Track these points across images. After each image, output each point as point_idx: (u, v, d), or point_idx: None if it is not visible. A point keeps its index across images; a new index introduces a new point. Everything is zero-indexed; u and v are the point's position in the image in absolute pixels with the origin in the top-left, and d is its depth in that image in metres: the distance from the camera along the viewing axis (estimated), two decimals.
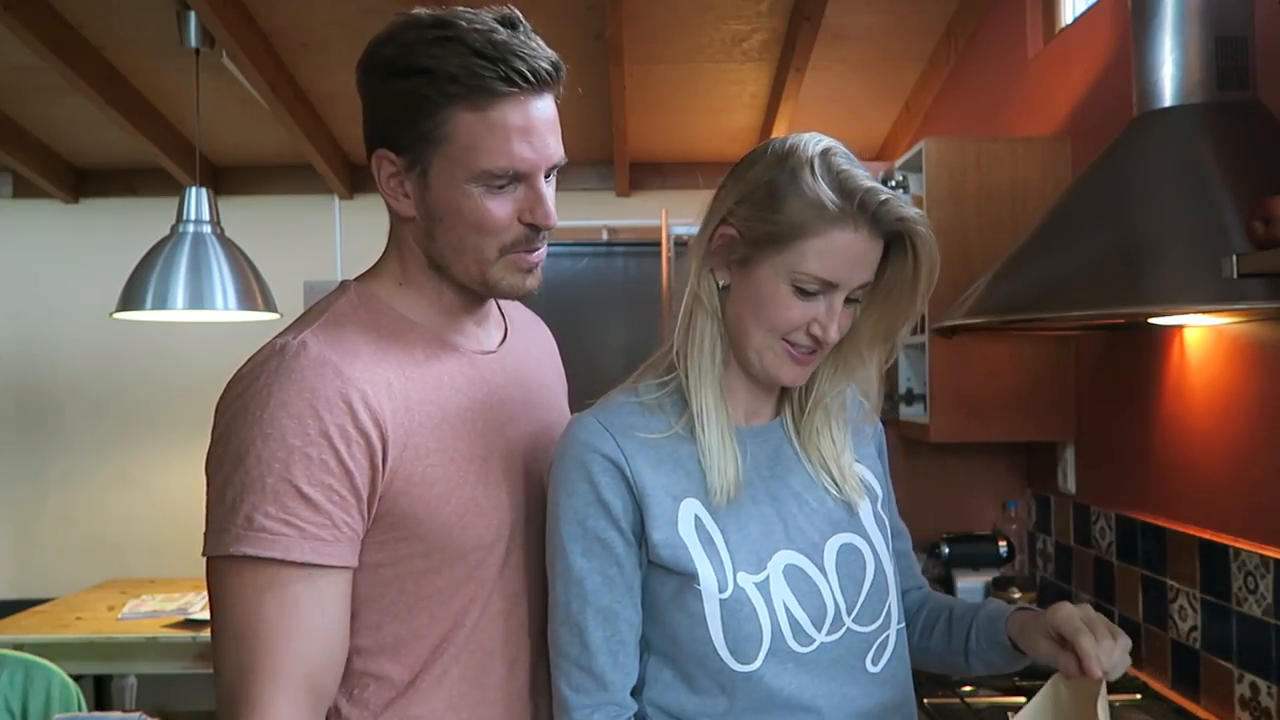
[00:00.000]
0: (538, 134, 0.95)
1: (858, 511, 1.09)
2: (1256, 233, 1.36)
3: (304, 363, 0.91)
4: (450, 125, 0.93)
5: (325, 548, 0.89)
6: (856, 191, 0.94)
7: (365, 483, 0.91)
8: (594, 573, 0.99)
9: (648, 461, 1.00)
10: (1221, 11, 1.61)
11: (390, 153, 0.97)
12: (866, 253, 0.97)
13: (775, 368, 1.02)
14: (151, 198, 4.18)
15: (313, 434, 0.88)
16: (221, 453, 0.91)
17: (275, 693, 0.87)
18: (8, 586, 4.29)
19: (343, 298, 1.02)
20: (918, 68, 3.45)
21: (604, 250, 4.45)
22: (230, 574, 0.88)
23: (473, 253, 0.98)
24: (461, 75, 0.91)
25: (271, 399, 0.89)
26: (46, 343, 4.34)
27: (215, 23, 2.83)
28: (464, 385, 1.02)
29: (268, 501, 0.87)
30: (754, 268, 0.99)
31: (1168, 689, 1.96)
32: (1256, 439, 1.75)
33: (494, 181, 0.95)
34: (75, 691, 2.24)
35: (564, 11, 3.05)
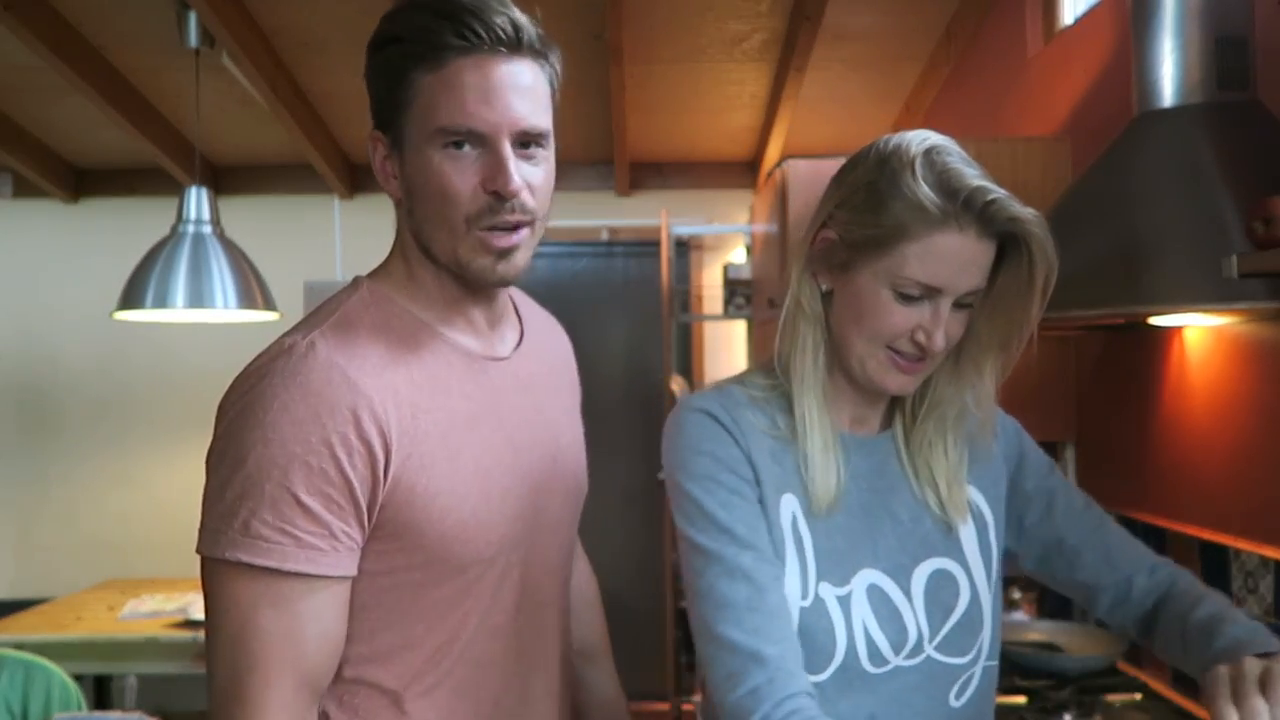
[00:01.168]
0: (497, 94, 0.91)
1: (958, 536, 1.03)
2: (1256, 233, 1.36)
3: (311, 365, 0.89)
4: (413, 89, 0.92)
5: (321, 558, 0.88)
6: (961, 191, 0.90)
7: (365, 493, 0.90)
8: (739, 523, 0.94)
9: (758, 447, 0.98)
10: (1221, 11, 1.61)
11: (380, 133, 0.97)
12: (975, 256, 0.92)
13: (879, 376, 0.97)
14: (151, 198, 4.18)
15: (314, 441, 0.86)
16: (223, 450, 0.89)
17: (270, 698, 0.87)
18: (8, 586, 4.29)
19: (355, 295, 0.99)
20: (918, 68, 3.45)
21: (604, 250, 4.45)
22: (226, 578, 0.88)
23: (442, 226, 0.94)
24: (419, 35, 0.91)
25: (275, 401, 0.87)
26: (46, 343, 4.34)
27: (215, 23, 2.83)
28: (473, 392, 0.99)
29: (265, 508, 0.86)
30: (855, 273, 0.95)
31: (1168, 689, 1.96)
32: (1256, 439, 1.75)
33: (450, 140, 0.91)
34: (75, 691, 2.24)
35: (564, 11, 3.05)
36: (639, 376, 4.43)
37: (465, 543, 0.95)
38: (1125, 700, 1.93)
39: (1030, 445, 1.14)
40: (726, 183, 4.37)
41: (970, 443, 1.06)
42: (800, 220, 3.00)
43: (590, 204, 4.36)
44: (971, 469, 1.06)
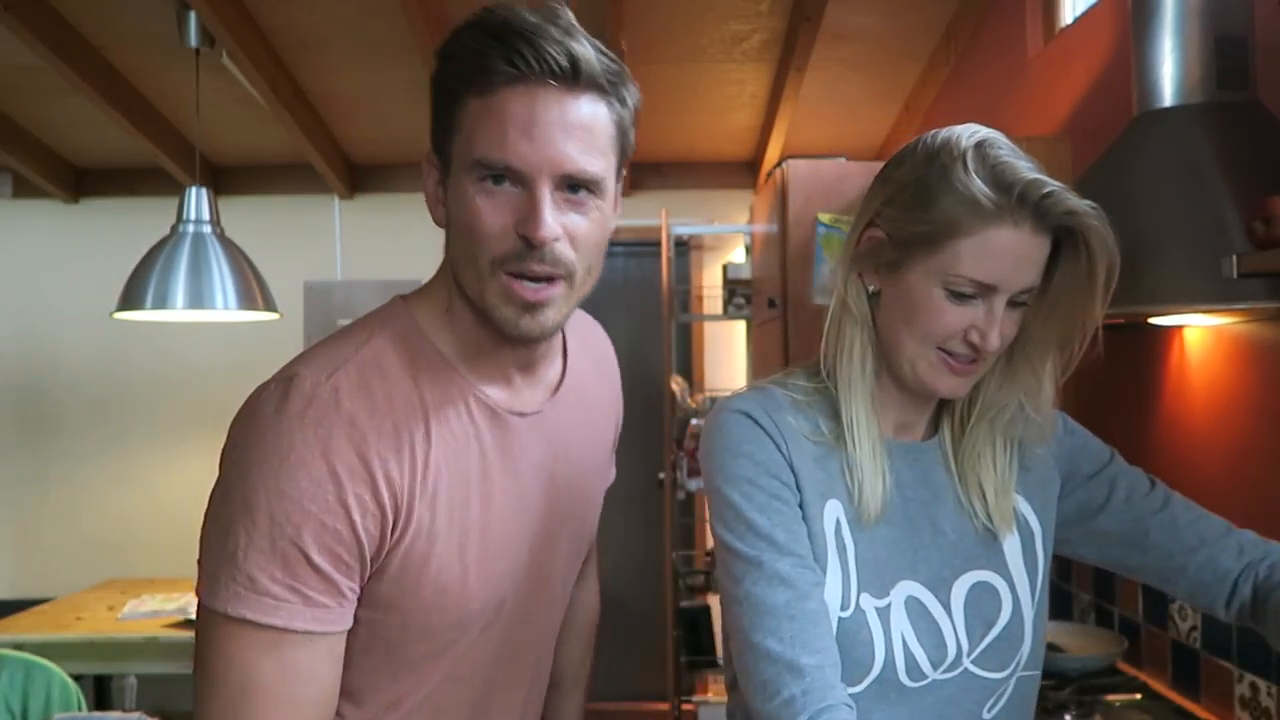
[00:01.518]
0: (541, 129, 0.83)
1: (1002, 547, 1.00)
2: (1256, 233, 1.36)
3: (334, 420, 0.83)
4: (461, 113, 0.85)
5: (328, 614, 0.85)
6: (1015, 185, 0.86)
7: (372, 553, 0.87)
8: (779, 528, 0.92)
9: (799, 451, 0.95)
10: (1221, 11, 1.61)
11: (436, 156, 0.90)
12: (1030, 252, 0.88)
13: (930, 378, 0.93)
14: (151, 198, 4.18)
15: (331, 500, 0.82)
16: (229, 493, 0.84)
17: None
18: (8, 586, 4.29)
19: (387, 329, 0.92)
20: (918, 68, 3.45)
21: None
22: (227, 633, 0.83)
23: (470, 265, 0.87)
24: (469, 56, 0.84)
25: (293, 454, 0.82)
26: (46, 343, 4.34)
27: (215, 22, 2.83)
28: (490, 449, 0.94)
29: (275, 565, 0.82)
30: (904, 271, 0.92)
31: (1168, 689, 1.96)
32: (1256, 439, 1.75)
33: (486, 174, 0.84)
34: (75, 691, 2.24)
35: None
36: (639, 376, 4.43)
37: (445, 611, 0.92)
38: (1125, 700, 1.93)
39: (1085, 437, 1.10)
40: (726, 183, 4.37)
41: (1022, 449, 1.02)
42: (800, 220, 3.00)
43: None
44: (1021, 477, 1.03)
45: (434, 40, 3.06)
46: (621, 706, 4.33)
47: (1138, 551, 1.05)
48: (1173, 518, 1.04)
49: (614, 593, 4.41)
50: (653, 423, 4.30)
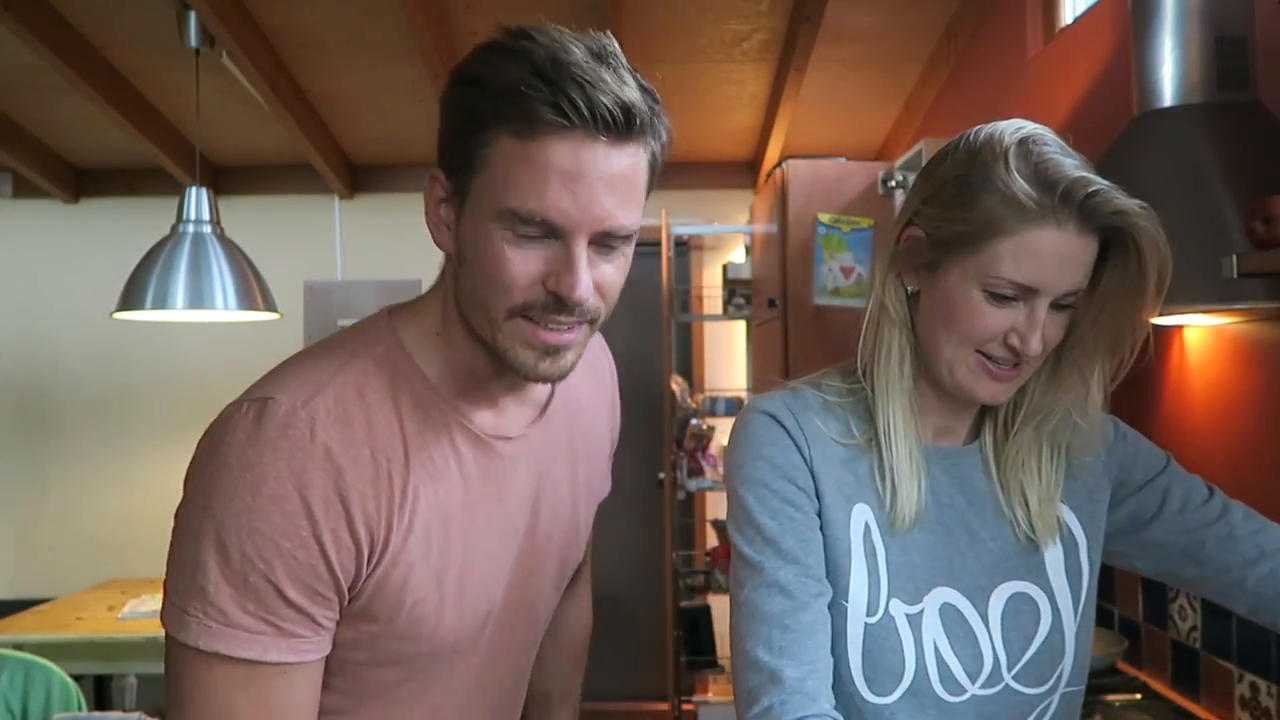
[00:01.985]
0: (586, 185, 0.77)
1: (1043, 558, 0.96)
2: (1256, 233, 1.36)
3: (308, 452, 0.79)
4: (491, 149, 0.78)
5: (303, 644, 0.82)
6: (1059, 183, 0.83)
7: (347, 585, 0.83)
8: (787, 535, 0.90)
9: (824, 455, 0.93)
10: (1221, 11, 1.60)
11: (442, 175, 0.84)
12: (1075, 253, 0.84)
13: (969, 383, 0.90)
14: (151, 198, 4.18)
15: (305, 535, 0.79)
16: (198, 520, 0.80)
17: None
18: (8, 586, 4.29)
19: (369, 350, 0.88)
20: (918, 68, 3.45)
21: None
22: (199, 666, 0.80)
23: (484, 307, 0.82)
24: (511, 94, 0.76)
25: (265, 487, 0.78)
26: (46, 343, 4.34)
27: (215, 22, 2.83)
28: (472, 474, 0.90)
29: (248, 599, 0.79)
30: (943, 272, 0.89)
31: (1168, 689, 1.96)
32: (1256, 439, 1.75)
33: (520, 228, 0.78)
34: (75, 691, 2.24)
35: (564, 11, 3.05)
36: (639, 376, 4.43)
37: (416, 640, 0.89)
38: (1125, 700, 1.93)
39: (1138, 443, 1.05)
40: (726, 183, 4.37)
41: (1069, 457, 0.99)
42: (800, 220, 3.00)
43: None
44: (1067, 485, 0.99)
45: (434, 40, 3.06)
46: (621, 706, 4.33)
47: (1193, 563, 1.00)
48: (1230, 528, 0.99)
49: (614, 593, 4.41)
50: (653, 423, 4.30)
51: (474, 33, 3.18)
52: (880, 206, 2.88)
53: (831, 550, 0.92)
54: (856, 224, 2.93)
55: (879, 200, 2.87)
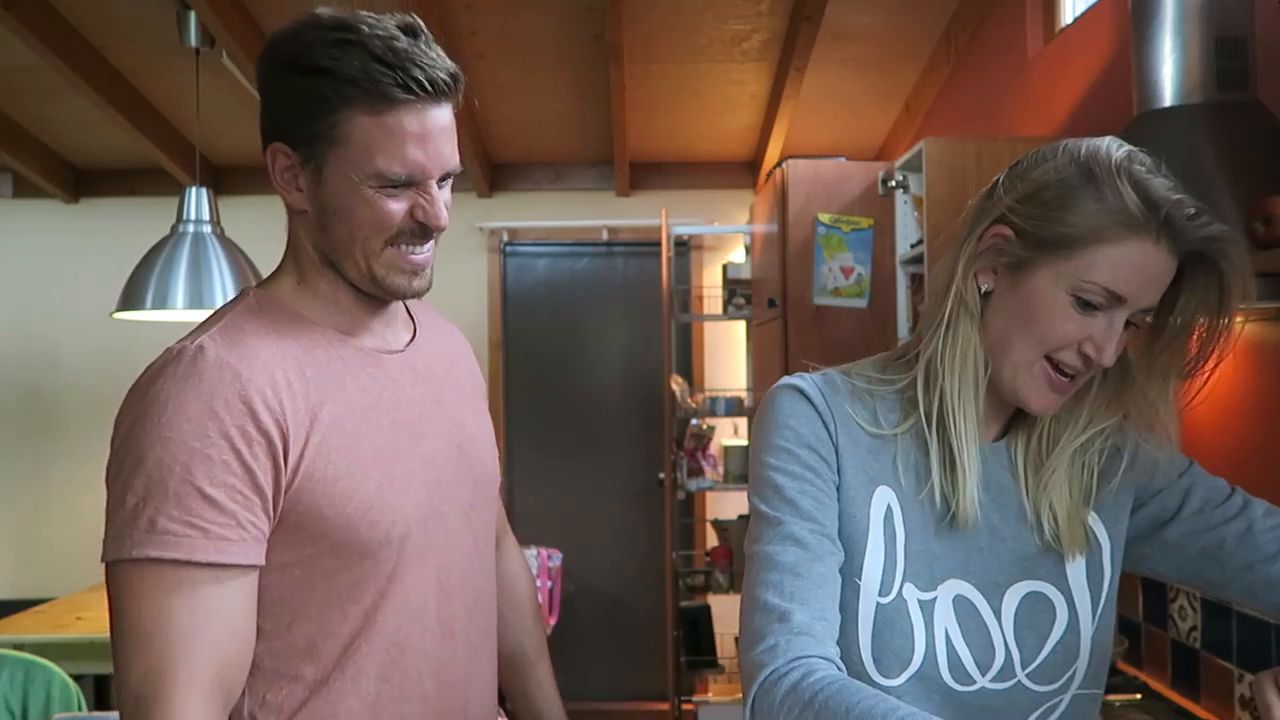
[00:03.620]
0: (433, 141, 0.97)
1: (1064, 561, 0.96)
2: (1256, 233, 1.36)
3: (202, 367, 0.92)
4: (347, 126, 0.95)
5: (230, 547, 0.90)
6: (1163, 202, 0.85)
7: (269, 482, 0.92)
8: (806, 496, 0.91)
9: (850, 435, 0.94)
10: (1221, 11, 1.61)
11: (285, 146, 0.99)
12: (1163, 271, 0.87)
13: (1027, 389, 0.91)
14: (151, 198, 4.18)
15: (213, 435, 0.89)
16: (121, 459, 0.91)
17: (188, 693, 0.88)
18: (8, 586, 4.29)
19: (241, 303, 1.02)
20: (918, 68, 3.45)
21: (604, 250, 4.45)
22: (134, 577, 0.88)
23: (361, 246, 0.99)
24: (360, 79, 0.93)
25: (170, 404, 0.90)
26: (46, 343, 4.34)
27: (215, 22, 2.83)
28: (368, 384, 1.02)
29: (171, 505, 0.88)
30: (1030, 273, 0.89)
31: (1168, 689, 1.96)
32: (1257, 439, 1.75)
33: (388, 183, 0.97)
34: (75, 691, 2.24)
35: (564, 11, 3.05)
36: (639, 376, 4.43)
37: (370, 525, 0.98)
38: (1125, 700, 1.93)
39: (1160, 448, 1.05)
40: (726, 183, 4.37)
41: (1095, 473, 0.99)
42: (800, 220, 3.00)
43: (590, 204, 4.36)
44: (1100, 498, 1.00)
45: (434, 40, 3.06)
46: (621, 706, 4.33)
47: (1215, 564, 0.99)
48: (1250, 524, 0.98)
49: (614, 593, 4.41)
50: (653, 423, 4.30)
51: (474, 33, 3.18)
52: (880, 206, 2.88)
53: (848, 527, 0.93)
54: (856, 224, 2.93)
55: (879, 200, 2.87)
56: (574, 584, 4.18)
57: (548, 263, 4.45)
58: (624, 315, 4.45)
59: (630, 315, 4.44)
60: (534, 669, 1.32)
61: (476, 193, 4.32)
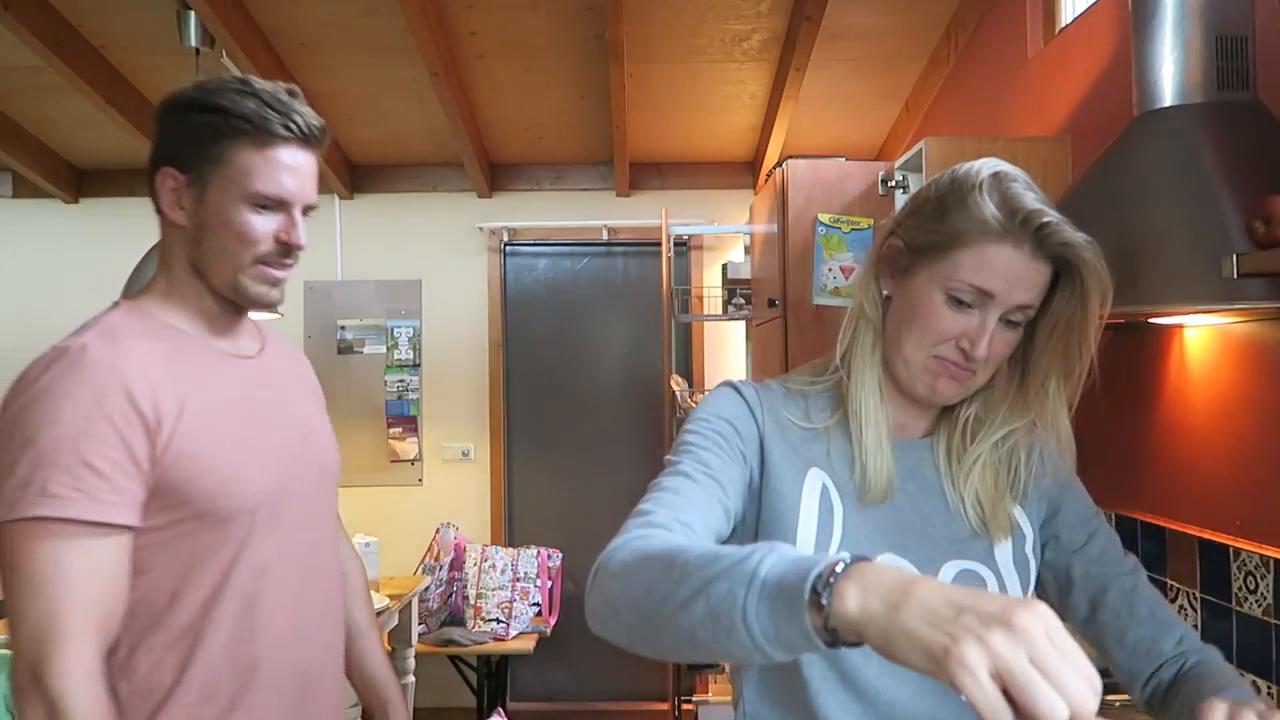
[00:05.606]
0: (301, 175, 1.21)
1: (992, 545, 1.05)
2: (1256, 233, 1.36)
3: (86, 361, 1.10)
4: (233, 154, 1.18)
5: (110, 508, 1.08)
6: (1019, 211, 0.95)
7: (144, 456, 1.11)
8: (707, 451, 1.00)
9: (778, 424, 1.04)
10: (1221, 11, 1.61)
11: (175, 170, 1.21)
12: (1027, 273, 0.96)
13: (917, 379, 1.02)
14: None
15: (97, 417, 1.08)
16: (8, 437, 1.07)
17: (83, 629, 1.06)
18: None
19: (114, 312, 1.21)
20: (918, 68, 3.45)
21: (604, 250, 4.45)
22: (29, 536, 1.05)
23: (230, 258, 1.20)
24: (253, 117, 1.17)
25: (58, 391, 1.08)
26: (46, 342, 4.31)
27: (215, 22, 2.83)
28: (226, 381, 1.24)
29: (60, 473, 1.05)
30: (912, 276, 1.01)
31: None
32: (1256, 439, 1.75)
33: (261, 202, 1.19)
34: None
35: (564, 11, 3.06)
36: (639, 376, 4.43)
37: (227, 496, 1.17)
38: (1125, 700, 1.93)
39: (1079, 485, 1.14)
40: (726, 183, 4.37)
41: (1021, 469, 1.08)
42: (800, 220, 3.00)
43: (590, 204, 4.36)
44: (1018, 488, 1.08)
45: (434, 40, 3.06)
46: (621, 706, 4.33)
47: (1088, 604, 1.08)
48: (1135, 585, 1.08)
49: None
50: (653, 423, 4.30)
51: (474, 33, 3.18)
52: (880, 206, 2.88)
53: (779, 504, 1.01)
54: (856, 224, 2.93)
55: (879, 200, 2.87)
56: (574, 584, 4.18)
57: (548, 263, 4.45)
58: (624, 315, 4.45)
59: (630, 315, 4.44)
60: (364, 638, 1.51)
61: (476, 193, 4.32)
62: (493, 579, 3.79)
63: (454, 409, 4.37)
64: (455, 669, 3.89)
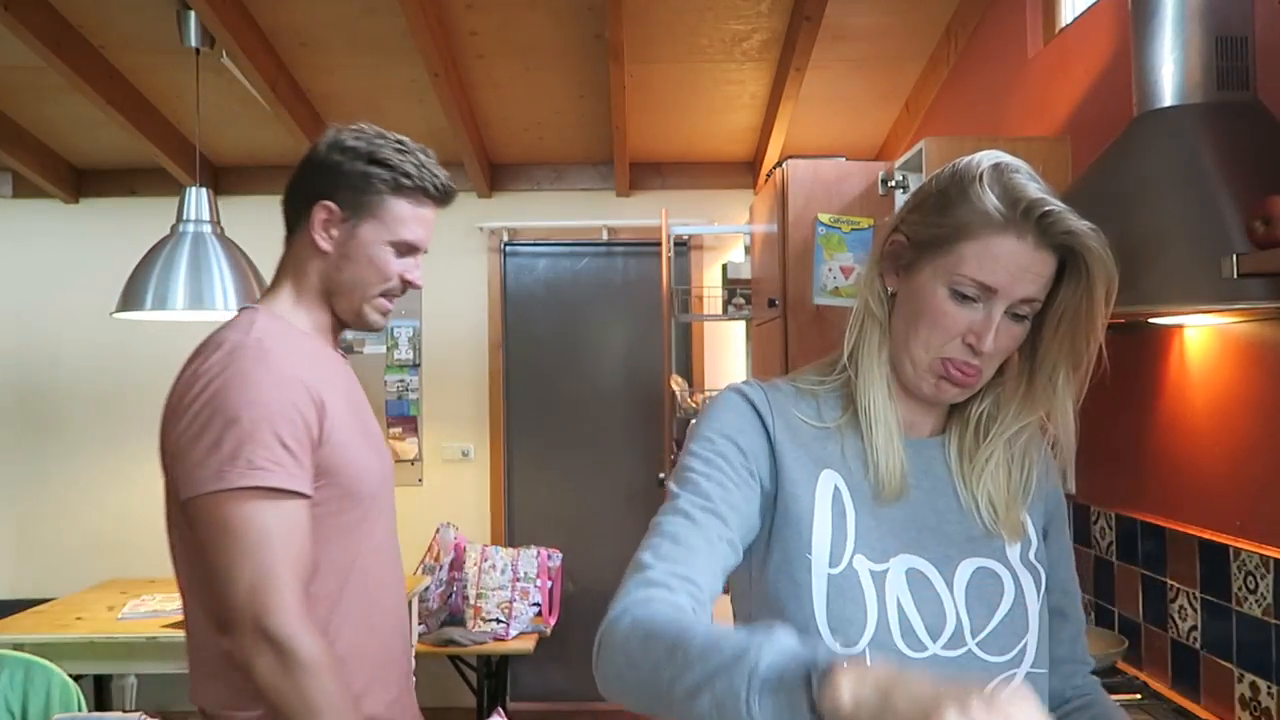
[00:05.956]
0: (430, 229, 1.44)
1: (1004, 545, 1.04)
2: (1256, 233, 1.36)
3: (269, 353, 1.28)
4: (389, 204, 1.38)
5: (298, 480, 1.25)
6: (1022, 201, 0.94)
7: (316, 438, 1.29)
8: (709, 480, 0.98)
9: (790, 427, 1.02)
10: (1221, 11, 1.61)
11: (333, 204, 1.38)
12: (1032, 264, 0.95)
13: (922, 379, 1.00)
14: (151, 198, 4.18)
15: (288, 404, 1.26)
16: (209, 416, 1.24)
17: (293, 581, 1.22)
18: (8, 586, 4.29)
19: (257, 315, 1.37)
20: (918, 68, 3.45)
21: (604, 250, 4.45)
22: (239, 503, 1.21)
23: (362, 288, 1.40)
24: (414, 177, 1.38)
25: (252, 378, 1.25)
26: (46, 342, 4.34)
27: (215, 22, 2.83)
28: (343, 381, 1.42)
29: (261, 449, 1.22)
30: (916, 273, 1.00)
31: (1168, 689, 1.96)
32: (1256, 439, 1.75)
33: (401, 248, 1.40)
34: (75, 691, 2.24)
35: (564, 11, 3.05)
36: (639, 376, 4.43)
37: (361, 480, 1.35)
38: (1125, 700, 1.93)
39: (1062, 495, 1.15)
40: (726, 183, 4.37)
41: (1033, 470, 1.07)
42: (800, 220, 3.00)
43: (590, 204, 4.36)
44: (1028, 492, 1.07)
45: (434, 40, 3.06)
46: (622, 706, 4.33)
47: None
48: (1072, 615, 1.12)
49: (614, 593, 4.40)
50: (653, 423, 4.30)
51: (474, 33, 3.18)
52: (880, 206, 2.88)
53: (794, 507, 0.99)
54: (856, 224, 2.93)
55: (879, 200, 2.87)
56: (574, 584, 4.18)
57: (548, 263, 4.45)
58: (624, 315, 4.45)
59: (630, 315, 4.44)
60: None
61: (476, 193, 4.32)
62: (493, 579, 3.79)
63: (454, 409, 4.37)
64: (455, 669, 3.88)
